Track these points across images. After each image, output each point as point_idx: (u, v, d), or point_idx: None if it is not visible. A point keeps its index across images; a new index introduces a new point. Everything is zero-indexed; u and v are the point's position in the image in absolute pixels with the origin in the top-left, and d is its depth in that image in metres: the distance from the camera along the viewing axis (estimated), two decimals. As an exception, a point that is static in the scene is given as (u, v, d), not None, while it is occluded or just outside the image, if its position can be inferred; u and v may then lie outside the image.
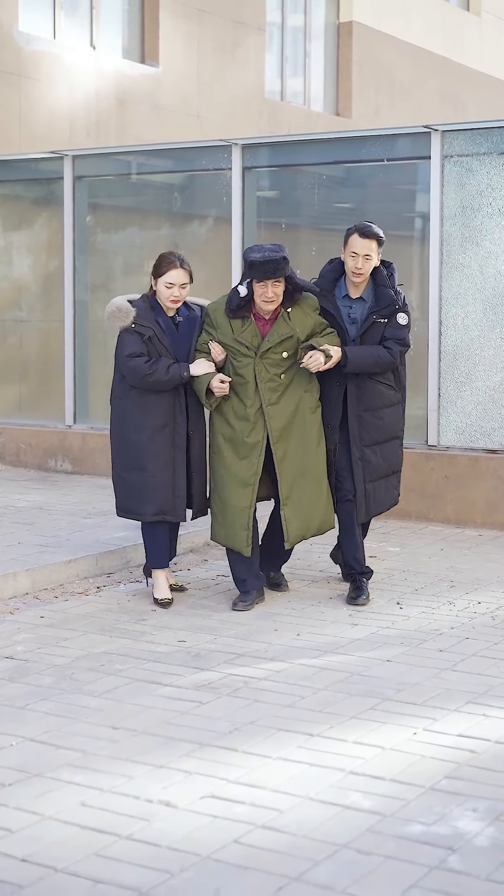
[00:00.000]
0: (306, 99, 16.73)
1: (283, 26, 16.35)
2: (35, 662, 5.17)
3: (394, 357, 6.17)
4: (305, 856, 3.33)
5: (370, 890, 3.13)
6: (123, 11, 13.73)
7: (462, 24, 19.68)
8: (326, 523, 6.25)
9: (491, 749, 4.16)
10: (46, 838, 3.43)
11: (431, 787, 3.82)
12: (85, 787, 3.80)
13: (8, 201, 10.90)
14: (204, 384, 6.01)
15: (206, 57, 14.42)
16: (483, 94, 19.75)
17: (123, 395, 6.11)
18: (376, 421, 6.26)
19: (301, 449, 6.12)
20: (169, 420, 6.07)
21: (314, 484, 6.16)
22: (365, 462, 6.26)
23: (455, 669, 5.09)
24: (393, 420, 6.33)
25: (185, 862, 3.29)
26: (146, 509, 6.10)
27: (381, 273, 6.21)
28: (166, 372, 5.95)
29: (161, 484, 6.06)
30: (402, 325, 6.19)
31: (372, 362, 6.14)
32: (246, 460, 6.06)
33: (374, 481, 6.31)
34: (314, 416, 6.17)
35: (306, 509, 6.15)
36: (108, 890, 3.13)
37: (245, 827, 3.51)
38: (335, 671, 5.05)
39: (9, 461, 10.46)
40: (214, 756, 4.07)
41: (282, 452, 6.08)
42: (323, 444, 6.20)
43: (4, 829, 3.49)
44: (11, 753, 4.10)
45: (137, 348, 5.97)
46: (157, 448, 6.04)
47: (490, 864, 3.28)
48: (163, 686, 4.84)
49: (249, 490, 6.06)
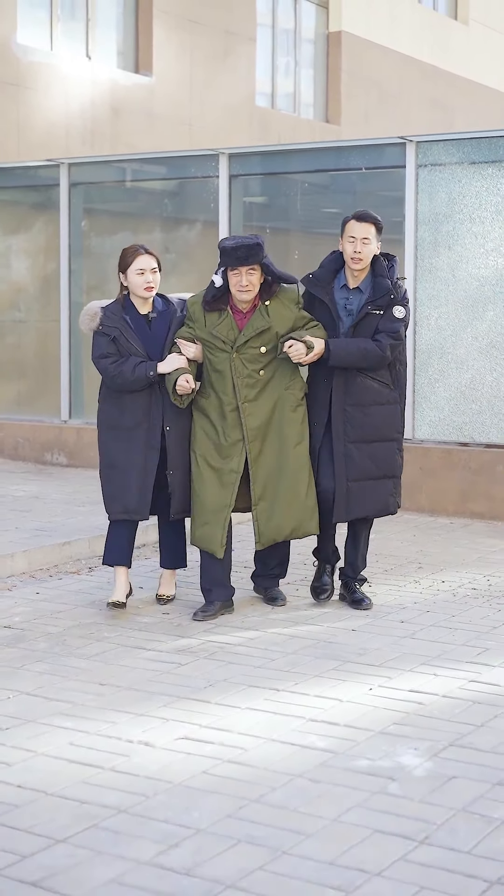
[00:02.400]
0: (296, 106, 17.24)
1: (274, 36, 16.86)
2: (30, 631, 5.66)
3: (382, 350, 5.87)
4: (264, 784, 3.82)
5: (316, 809, 3.63)
6: (118, 23, 14.25)
7: (449, 32, 20.18)
8: (305, 526, 6.00)
9: (437, 702, 4.65)
10: (39, 770, 3.92)
11: (380, 731, 4.31)
12: (73, 731, 4.29)
13: (6, 207, 11.41)
14: (173, 380, 5.79)
15: (198, 66, 14.92)
16: (470, 100, 20.26)
17: (104, 398, 6.06)
18: (364, 418, 5.97)
19: (278, 448, 5.91)
20: (143, 419, 5.92)
21: (291, 485, 5.92)
22: (348, 458, 5.98)
23: (414, 637, 5.58)
24: (385, 420, 6.03)
25: (158, 788, 3.78)
26: (114, 507, 6.01)
27: (381, 264, 5.99)
28: (132, 371, 5.82)
29: (129, 482, 5.93)
30: (397, 319, 5.92)
31: (359, 356, 5.87)
32: (227, 459, 5.89)
33: (358, 480, 6.01)
34: (294, 415, 5.95)
35: (281, 511, 5.92)
36: (92, 809, 3.62)
37: (213, 762, 4.00)
38: (304, 639, 5.54)
39: (7, 455, 10.96)
40: (190, 707, 4.56)
41: (256, 451, 5.88)
42: (305, 444, 5.97)
43: (2, 763, 3.98)
44: (8, 704, 4.59)
45: (105, 349, 5.88)
46: (128, 447, 5.92)
47: (425, 790, 3.77)
48: (146, 650, 5.33)
49: (229, 490, 5.87)
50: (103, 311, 5.93)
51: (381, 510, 6.13)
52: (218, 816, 3.57)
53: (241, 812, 3.61)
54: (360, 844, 3.39)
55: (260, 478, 5.91)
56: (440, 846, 3.38)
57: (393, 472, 6.12)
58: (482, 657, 5.25)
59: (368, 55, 18.00)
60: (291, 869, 3.24)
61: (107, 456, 6.03)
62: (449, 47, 20.02)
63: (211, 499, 5.89)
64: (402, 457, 6.19)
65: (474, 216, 8.82)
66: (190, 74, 14.80)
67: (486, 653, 5.32)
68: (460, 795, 3.74)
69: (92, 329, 5.93)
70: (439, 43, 19.75)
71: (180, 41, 14.63)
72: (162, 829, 3.48)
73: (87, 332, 5.99)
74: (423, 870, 3.24)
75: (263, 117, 16.13)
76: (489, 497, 8.73)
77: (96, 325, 5.92)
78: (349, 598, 6.19)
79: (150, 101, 14.23)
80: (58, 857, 3.30)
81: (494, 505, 8.70)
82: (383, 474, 6.08)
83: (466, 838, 3.44)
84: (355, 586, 6.22)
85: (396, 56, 18.58)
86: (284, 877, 3.19)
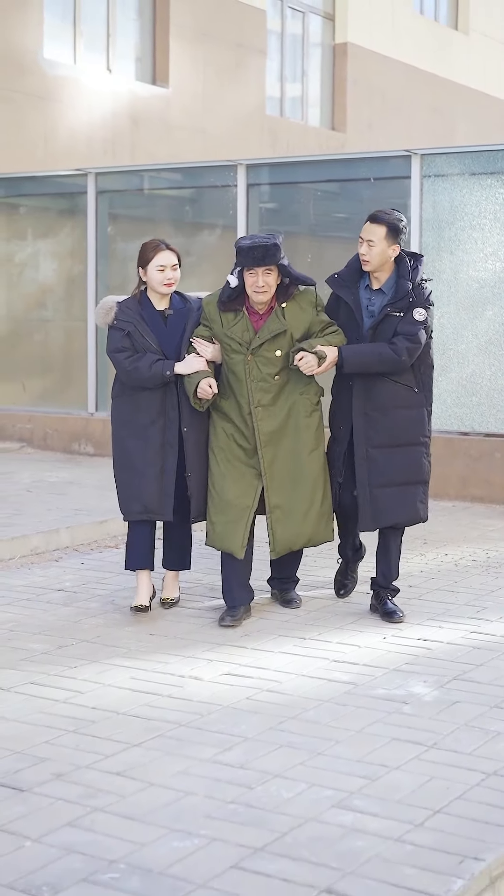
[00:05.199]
0: (304, 115, 18.01)
1: (283, 48, 17.63)
2: (81, 593, 6.40)
3: (398, 354, 5.65)
4: (299, 706, 4.56)
5: (344, 724, 4.37)
6: (136, 38, 15.02)
7: (450, 42, 20.93)
8: (320, 535, 5.86)
9: (443, 647, 5.39)
10: (108, 697, 4.66)
11: (394, 669, 5.06)
12: (132, 669, 5.03)
13: (35, 213, 12.18)
14: (193, 383, 5.64)
15: (211, 77, 15.68)
16: (470, 108, 21.02)
17: (118, 394, 5.91)
18: (387, 421, 5.76)
19: (293, 454, 5.76)
20: (159, 416, 5.77)
21: (307, 492, 5.78)
22: (370, 463, 5.77)
23: (421, 598, 6.32)
24: (410, 423, 5.80)
25: (211, 709, 4.52)
26: (133, 507, 5.84)
27: (405, 264, 5.77)
28: (149, 368, 5.67)
29: (148, 481, 5.77)
30: (416, 321, 5.69)
31: (374, 361, 5.68)
32: (252, 458, 5.76)
33: (383, 487, 5.79)
34: (309, 420, 5.79)
35: (297, 519, 5.79)
36: (157, 724, 4.35)
37: (254, 690, 4.74)
38: (324, 599, 6.28)
39: (37, 445, 11.71)
40: (229, 651, 5.31)
41: (270, 457, 5.72)
42: (320, 450, 5.82)
43: (76, 692, 4.72)
44: (73, 650, 5.32)
45: (119, 344, 5.74)
46: (144, 445, 5.78)
47: (433, 711, 4.52)
48: (186, 608, 6.06)
49: (252, 490, 5.74)
50: (119, 305, 5.80)
51: (411, 518, 5.87)
52: (262, 729, 4.31)
53: (281, 726, 4.35)
54: (381, 748, 4.13)
55: (275, 485, 5.75)
56: (446, 749, 4.12)
57: (421, 477, 5.85)
58: (481, 614, 5.99)
59: (372, 65, 18.75)
60: (326, 764, 3.98)
61: (121, 454, 5.86)
62: (450, 57, 20.77)
63: (233, 498, 5.73)
64: (429, 462, 5.92)
65: (474, 223, 9.55)
66: (204, 85, 15.56)
67: (484, 610, 6.06)
68: (463, 715, 4.48)
69: (107, 323, 5.80)
70: (440, 52, 20.50)
71: (195, 54, 15.38)
72: (216, 738, 4.22)
73: (102, 326, 5.87)
74: (432, 765, 3.98)
75: (273, 125, 16.89)
76: (488, 482, 9.47)
77: (111, 319, 5.79)
78: (381, 610, 5.92)
79: (167, 111, 14.99)
80: (135, 756, 4.04)
81: (493, 489, 9.44)
82: (411, 480, 5.82)
83: (468, 744, 4.18)
84: (387, 596, 5.97)
85: (399, 65, 19.32)
86: (320, 769, 3.93)
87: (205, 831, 3.45)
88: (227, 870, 3.22)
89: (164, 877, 3.18)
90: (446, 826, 3.51)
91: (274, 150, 16.51)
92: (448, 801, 3.69)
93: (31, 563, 7.18)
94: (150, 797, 3.70)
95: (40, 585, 6.56)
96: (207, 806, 3.63)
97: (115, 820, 3.53)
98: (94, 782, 3.81)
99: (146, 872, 3.20)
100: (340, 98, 18.39)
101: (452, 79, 20.71)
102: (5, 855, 3.31)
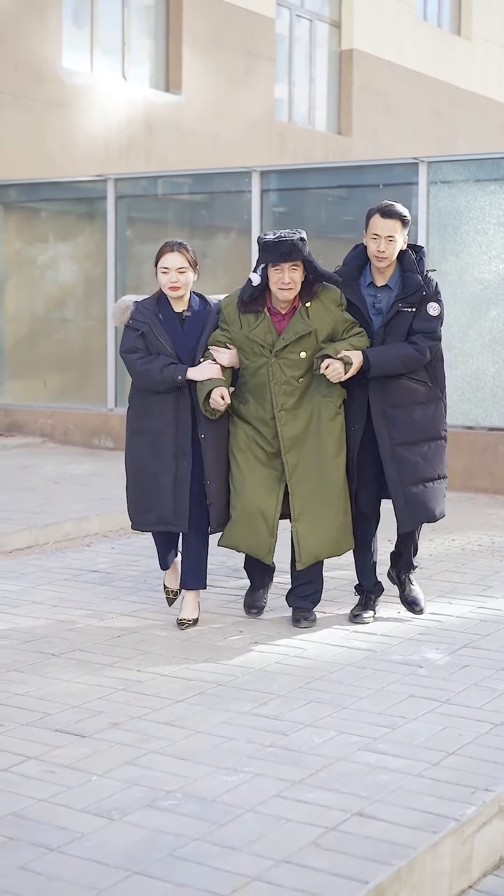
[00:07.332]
0: (311, 120, 18.51)
1: (291, 55, 18.12)
2: (115, 574, 6.88)
3: (422, 354, 5.53)
4: (324, 669, 5.05)
5: (365, 683, 4.86)
6: (150, 46, 15.53)
7: (453, 47, 21.41)
8: (344, 543, 5.70)
9: (453, 621, 5.87)
10: (149, 661, 5.15)
11: (409, 638, 5.55)
12: (169, 638, 5.52)
13: (56, 217, 12.68)
14: (205, 391, 5.44)
15: (222, 84, 16.18)
16: (473, 113, 21.51)
17: (132, 398, 5.78)
18: (406, 419, 5.60)
19: (317, 459, 5.56)
20: (171, 422, 5.60)
21: (332, 498, 5.58)
22: (398, 462, 5.60)
23: (431, 579, 6.81)
24: (429, 419, 5.69)
25: (245, 671, 5.01)
26: (147, 518, 5.73)
27: (409, 257, 5.61)
28: (160, 371, 5.50)
29: (162, 490, 5.61)
30: (432, 317, 5.57)
31: (399, 363, 5.51)
32: (274, 460, 5.61)
33: (415, 484, 5.64)
34: (333, 424, 5.56)
35: (323, 526, 5.60)
36: (197, 683, 4.84)
37: (282, 656, 5.23)
38: (339, 579, 6.75)
39: (58, 440, 12.20)
40: (256, 624, 5.79)
41: (294, 462, 5.55)
42: (343, 455, 5.60)
43: (121, 658, 5.20)
44: (113, 622, 5.81)
45: (133, 344, 5.60)
46: (156, 452, 5.62)
47: (446, 673, 5.01)
48: (214, 587, 6.55)
49: (275, 496, 5.59)
50: (136, 305, 5.69)
51: (441, 513, 5.80)
52: (292, 687, 4.80)
53: (309, 685, 4.84)
54: (399, 703, 4.62)
55: (299, 492, 5.57)
56: (458, 705, 4.61)
57: (444, 471, 5.78)
58: (487, 592, 6.47)
59: (377, 71, 19.25)
60: (352, 716, 4.47)
61: (133, 461, 5.72)
62: (453, 62, 21.25)
63: (257, 501, 5.58)
64: (446, 456, 5.82)
65: (479, 227, 10.04)
66: (215, 92, 16.06)
67: (490, 589, 6.54)
68: (472, 676, 4.97)
69: (123, 323, 5.71)
70: (444, 58, 20.98)
71: (206, 62, 15.87)
72: (252, 694, 4.71)
73: (119, 325, 5.78)
74: (446, 717, 4.47)
75: (281, 130, 17.38)
76: (492, 474, 9.96)
77: (127, 318, 5.68)
78: (404, 597, 5.95)
79: (180, 117, 15.48)
80: (179, 709, 4.53)
81: (496, 481, 9.93)
82: (437, 475, 5.74)
83: (478, 700, 4.67)
84: (409, 580, 6.00)
85: (403, 71, 19.81)
86: (347, 720, 4.42)
87: (248, 769, 3.94)
88: (271, 798, 3.71)
89: (217, 803, 3.67)
90: (460, 765, 3.99)
91: (282, 153, 17.03)
92: (461, 745, 4.18)
93: (64, 548, 7.67)
94: (197, 742, 4.19)
95: (76, 567, 7.05)
96: (249, 749, 4.12)
97: (169, 760, 4.02)
98: (147, 730, 4.30)
99: (201, 800, 3.69)
100: (346, 103, 18.89)
101: (455, 83, 21.19)
102: (76, 787, 3.79)
